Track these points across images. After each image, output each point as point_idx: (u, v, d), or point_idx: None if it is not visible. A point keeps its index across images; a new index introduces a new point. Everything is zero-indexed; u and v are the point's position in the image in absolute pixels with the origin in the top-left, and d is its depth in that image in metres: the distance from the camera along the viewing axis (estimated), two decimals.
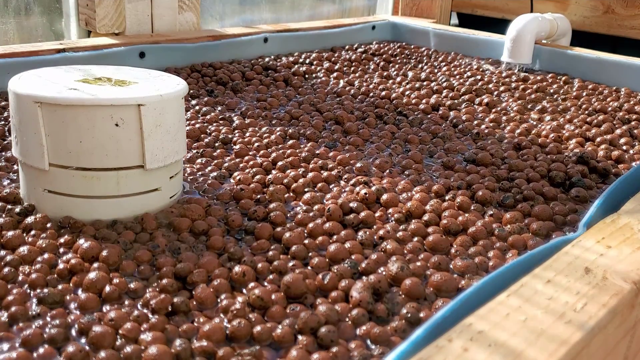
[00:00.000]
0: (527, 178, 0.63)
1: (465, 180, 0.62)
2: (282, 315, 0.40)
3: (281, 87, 0.91)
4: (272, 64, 1.00)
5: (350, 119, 0.75)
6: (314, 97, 0.83)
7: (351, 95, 0.88)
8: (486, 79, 1.01)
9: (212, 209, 0.53)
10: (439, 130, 0.74)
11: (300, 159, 0.65)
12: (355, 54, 1.13)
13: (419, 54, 1.19)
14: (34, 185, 0.51)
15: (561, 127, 0.81)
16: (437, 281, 0.44)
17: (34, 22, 1.01)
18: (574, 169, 0.65)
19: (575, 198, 0.60)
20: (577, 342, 0.31)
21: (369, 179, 0.61)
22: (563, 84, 1.03)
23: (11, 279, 0.42)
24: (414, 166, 0.64)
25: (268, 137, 0.70)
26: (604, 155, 0.72)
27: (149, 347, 0.35)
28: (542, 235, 0.53)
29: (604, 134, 0.78)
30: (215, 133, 0.71)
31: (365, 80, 0.97)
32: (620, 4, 1.30)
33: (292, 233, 0.49)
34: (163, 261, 0.45)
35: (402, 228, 0.52)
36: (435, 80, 0.99)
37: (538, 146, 0.73)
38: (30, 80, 0.51)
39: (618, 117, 0.86)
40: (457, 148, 0.70)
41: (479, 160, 0.67)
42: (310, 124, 0.74)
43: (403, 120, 0.76)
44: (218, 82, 0.90)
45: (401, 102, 0.85)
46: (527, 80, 1.03)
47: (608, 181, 0.65)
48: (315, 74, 1.00)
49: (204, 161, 0.64)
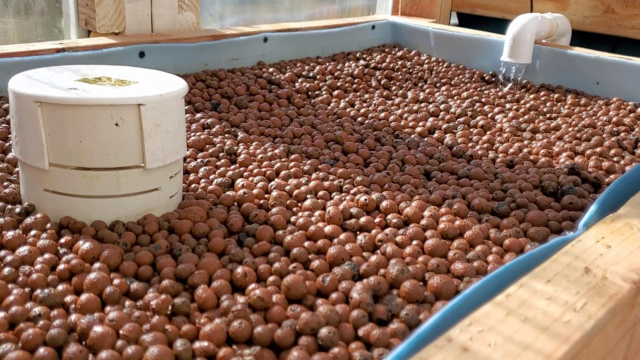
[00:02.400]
0: (519, 188, 0.64)
1: (460, 192, 0.62)
2: (282, 316, 0.40)
3: (284, 105, 0.92)
4: (275, 78, 1.00)
5: (349, 139, 0.76)
6: (315, 119, 0.84)
7: (351, 117, 0.89)
8: (483, 100, 1.01)
9: (214, 211, 0.53)
10: (435, 152, 0.75)
11: (302, 171, 0.65)
12: (357, 67, 1.13)
13: (420, 67, 1.19)
14: (34, 185, 0.51)
15: (552, 144, 0.81)
16: (436, 284, 0.44)
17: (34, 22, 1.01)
18: (565, 179, 0.65)
19: (569, 205, 0.60)
20: (577, 341, 0.31)
21: (369, 189, 0.61)
22: (555, 102, 1.03)
23: (11, 279, 0.42)
24: (411, 181, 0.64)
25: (272, 151, 0.70)
26: (594, 165, 0.72)
27: (150, 348, 0.35)
28: (538, 239, 0.53)
29: (594, 147, 0.79)
30: (220, 144, 0.72)
31: (365, 101, 0.98)
32: (620, 3, 1.30)
33: (293, 236, 0.49)
34: (164, 262, 0.45)
35: (400, 232, 0.52)
36: (433, 101, 0.99)
37: (530, 162, 0.74)
38: (30, 79, 0.51)
39: (607, 130, 0.86)
40: (452, 167, 0.70)
41: (472, 176, 0.67)
42: (312, 142, 0.75)
43: (400, 143, 0.77)
44: (223, 95, 0.90)
45: (399, 125, 0.86)
46: (520, 101, 1.03)
47: (600, 191, 0.65)
48: (317, 90, 1.00)
49: (208, 169, 0.64)
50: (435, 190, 0.63)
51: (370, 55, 1.23)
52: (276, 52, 1.12)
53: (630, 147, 0.80)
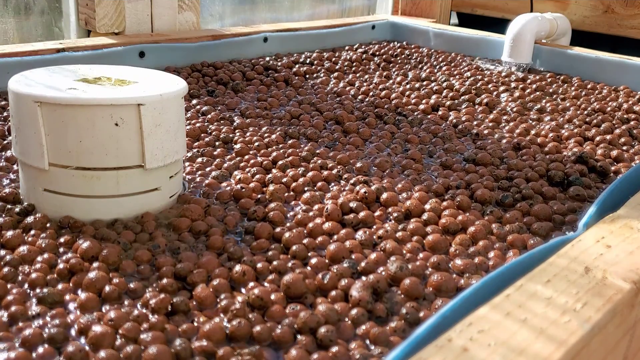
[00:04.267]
0: (525, 177, 0.63)
1: (464, 180, 0.62)
2: (281, 315, 0.40)
3: (281, 87, 0.91)
4: (272, 64, 1.00)
5: (350, 118, 0.75)
6: (314, 98, 0.83)
7: (351, 95, 0.87)
8: (486, 79, 1.01)
9: (212, 209, 0.53)
10: (439, 131, 0.74)
11: (300, 159, 0.65)
12: (355, 54, 1.13)
13: (419, 54, 1.19)
14: (33, 185, 0.51)
15: (560, 126, 0.81)
16: (436, 281, 0.44)
17: (34, 22, 1.01)
18: (572, 168, 0.65)
19: (575, 197, 0.60)
20: (577, 341, 0.31)
21: (369, 179, 0.61)
22: (562, 83, 1.03)
23: (11, 278, 0.42)
24: (413, 166, 0.64)
25: (269, 136, 0.70)
26: (602, 154, 0.72)
27: (149, 347, 0.35)
28: (541, 235, 0.53)
29: (604, 134, 0.78)
30: (215, 132, 0.71)
31: (366, 80, 0.97)
32: (620, 3, 1.30)
33: (291, 233, 0.49)
34: (163, 261, 0.45)
35: (401, 227, 0.52)
36: (435, 80, 0.99)
37: (537, 146, 0.73)
38: (30, 79, 0.51)
39: (617, 116, 0.85)
40: (456, 148, 0.69)
41: (478, 160, 0.67)
42: (310, 123, 0.74)
43: (403, 121, 0.76)
44: (218, 82, 0.90)
45: (401, 102, 0.85)
46: (527, 80, 1.03)
47: (607, 180, 0.65)
48: (316, 74, 0.99)
49: (205, 160, 0.64)
50: (439, 176, 0.62)
51: (367, 46, 1.23)
52: (276, 52, 1.13)
53: None
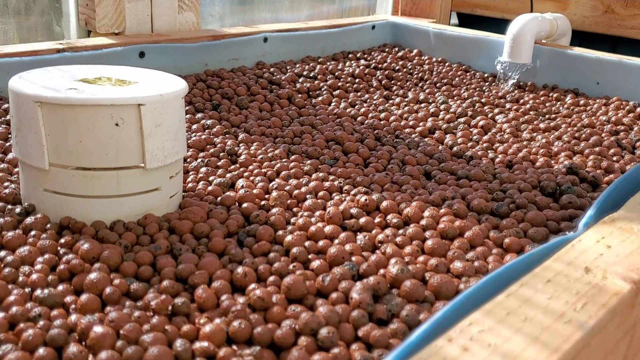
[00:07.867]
0: (519, 189, 0.64)
1: (460, 193, 0.62)
2: (282, 316, 0.40)
3: (284, 104, 0.92)
4: (276, 79, 1.00)
5: (350, 139, 0.76)
6: (316, 119, 0.84)
7: (351, 117, 0.89)
8: (483, 100, 1.01)
9: (214, 212, 0.53)
10: (435, 152, 0.75)
11: (303, 171, 0.65)
12: (358, 67, 1.13)
13: (421, 67, 1.19)
14: (34, 185, 0.51)
15: (551, 144, 0.81)
16: (436, 283, 0.44)
17: (34, 22, 1.01)
18: (564, 179, 0.65)
19: (568, 205, 0.60)
20: (577, 341, 0.31)
21: (369, 190, 0.61)
22: (555, 101, 1.03)
23: (11, 279, 0.42)
24: (411, 182, 0.65)
25: (272, 152, 0.71)
26: (592, 165, 0.72)
27: (150, 348, 0.35)
28: (537, 240, 0.53)
29: (592, 147, 0.79)
30: (220, 145, 0.72)
31: (366, 101, 0.98)
32: (620, 3, 1.30)
33: (293, 236, 0.49)
34: (164, 262, 0.45)
35: (400, 233, 0.52)
36: (434, 101, 0.99)
37: (529, 162, 0.74)
38: (30, 79, 0.51)
39: (606, 129, 0.86)
40: (451, 168, 0.70)
41: (472, 177, 0.67)
42: (312, 142, 0.75)
43: (401, 143, 0.77)
44: (223, 95, 0.90)
45: (399, 125, 0.86)
46: (519, 101, 1.03)
47: (599, 190, 0.65)
48: (318, 91, 1.00)
49: (209, 170, 0.64)
50: (435, 190, 0.63)
51: (370, 55, 1.23)
52: (276, 52, 1.13)
53: (630, 146, 0.80)
